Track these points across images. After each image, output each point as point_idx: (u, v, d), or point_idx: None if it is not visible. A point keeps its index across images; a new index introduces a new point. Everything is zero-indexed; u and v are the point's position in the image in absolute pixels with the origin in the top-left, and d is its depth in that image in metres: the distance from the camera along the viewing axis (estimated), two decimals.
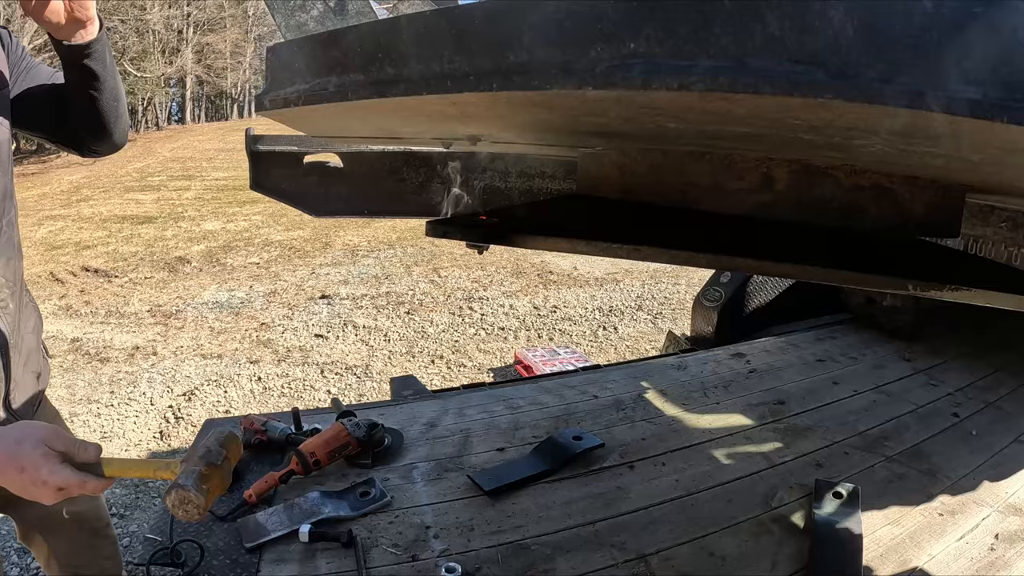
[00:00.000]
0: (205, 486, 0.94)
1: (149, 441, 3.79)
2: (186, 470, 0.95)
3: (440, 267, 7.39)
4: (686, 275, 6.65)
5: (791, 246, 0.81)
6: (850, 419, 2.28)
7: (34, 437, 0.91)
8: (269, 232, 9.52)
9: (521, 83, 0.52)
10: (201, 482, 0.94)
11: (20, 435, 0.91)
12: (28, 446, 0.90)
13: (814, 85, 0.43)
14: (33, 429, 0.93)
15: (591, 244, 0.83)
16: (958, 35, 0.43)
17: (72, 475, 0.92)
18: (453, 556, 1.54)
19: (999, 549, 1.62)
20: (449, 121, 0.84)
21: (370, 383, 4.50)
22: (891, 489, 1.86)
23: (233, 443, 1.02)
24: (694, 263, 0.79)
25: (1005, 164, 0.67)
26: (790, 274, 0.77)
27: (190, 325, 5.67)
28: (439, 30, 0.58)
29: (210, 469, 0.96)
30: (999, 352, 2.88)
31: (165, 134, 26.05)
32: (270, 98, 0.83)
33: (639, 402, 2.40)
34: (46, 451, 0.91)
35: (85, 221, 10.62)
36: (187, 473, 0.94)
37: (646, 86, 0.47)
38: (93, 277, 7.22)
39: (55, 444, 0.92)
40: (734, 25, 0.44)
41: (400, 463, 1.95)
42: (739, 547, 1.60)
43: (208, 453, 0.98)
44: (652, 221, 0.88)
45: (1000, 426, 2.24)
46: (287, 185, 2.25)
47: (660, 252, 0.78)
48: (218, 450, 0.99)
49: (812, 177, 0.80)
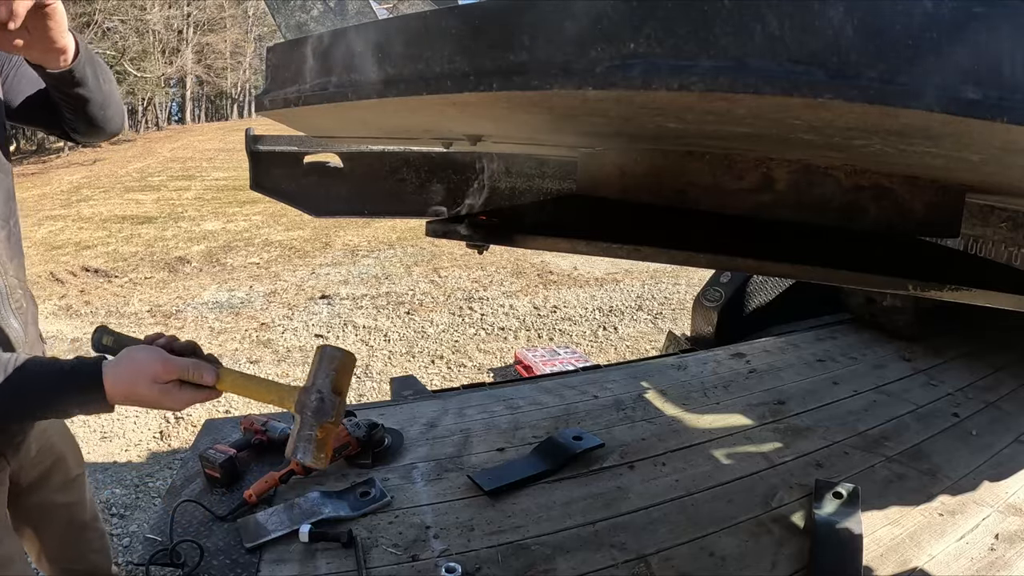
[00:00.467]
0: (322, 454, 0.96)
1: (149, 441, 3.79)
2: (301, 437, 0.96)
3: (440, 267, 7.39)
4: (686, 275, 6.65)
5: (791, 246, 0.81)
6: (850, 419, 2.28)
7: (146, 377, 0.94)
8: (269, 232, 9.53)
9: (521, 83, 0.52)
10: (318, 451, 0.96)
11: (132, 377, 0.94)
12: (143, 389, 0.94)
13: (814, 85, 0.43)
14: (141, 367, 0.95)
15: (591, 244, 0.83)
16: (958, 35, 0.43)
17: (190, 399, 0.97)
18: (453, 556, 1.54)
19: (999, 549, 1.62)
20: (449, 121, 0.84)
21: (370, 383, 4.50)
22: (891, 489, 1.86)
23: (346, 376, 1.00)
24: (694, 263, 0.79)
25: (1005, 164, 0.67)
26: (790, 274, 0.77)
27: (190, 325, 5.67)
28: (439, 30, 0.58)
29: (324, 431, 0.96)
30: (999, 352, 2.88)
31: (165, 134, 26.05)
32: (270, 98, 0.83)
33: (639, 402, 2.40)
34: (161, 387, 0.94)
35: (85, 221, 10.62)
36: (303, 445, 0.96)
37: (646, 86, 0.47)
38: (93, 277, 7.22)
39: (167, 376, 0.94)
40: (734, 25, 0.44)
41: (400, 463, 1.95)
42: (739, 547, 1.60)
43: (321, 408, 0.96)
44: (652, 221, 0.88)
45: (1000, 426, 2.24)
46: (287, 185, 2.25)
47: (660, 252, 0.78)
48: (331, 400, 0.97)
49: (812, 177, 0.80)
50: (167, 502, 1.73)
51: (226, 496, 1.74)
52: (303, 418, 0.96)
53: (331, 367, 0.99)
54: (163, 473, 3.44)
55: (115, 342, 1.07)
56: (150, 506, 3.13)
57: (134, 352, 0.97)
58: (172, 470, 3.40)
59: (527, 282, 6.76)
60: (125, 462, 3.59)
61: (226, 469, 1.77)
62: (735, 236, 0.82)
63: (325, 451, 0.97)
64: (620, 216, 0.92)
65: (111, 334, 1.08)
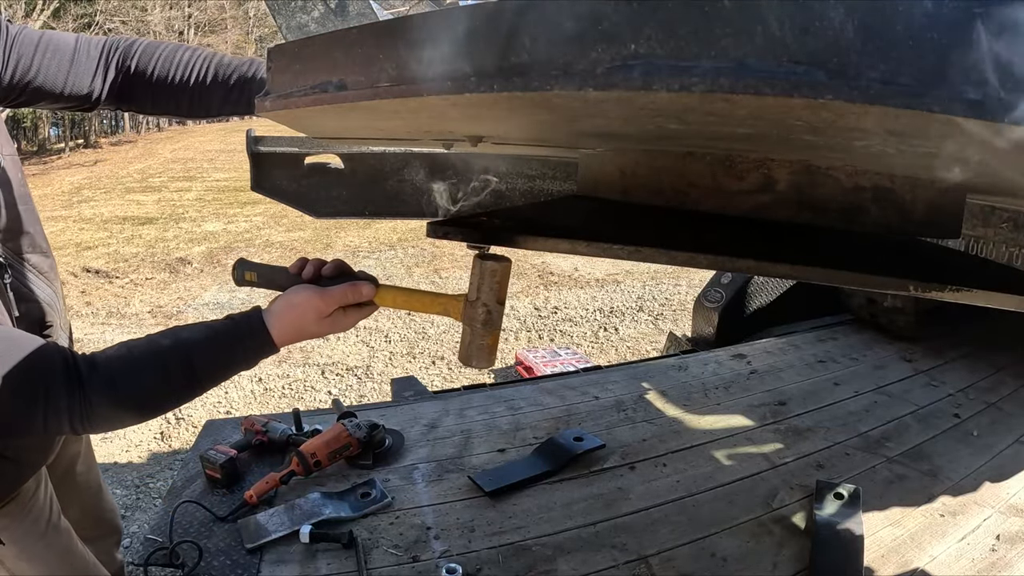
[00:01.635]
0: (492, 356, 1.05)
1: (150, 442, 3.79)
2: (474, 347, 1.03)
3: (441, 268, 7.39)
4: (687, 276, 6.65)
5: (792, 247, 0.81)
6: (851, 420, 2.28)
7: (311, 319, 1.00)
8: (270, 233, 9.53)
9: (521, 84, 0.52)
10: (490, 356, 1.04)
11: (298, 321, 0.99)
12: (312, 327, 1.00)
13: (815, 86, 0.43)
14: (303, 311, 1.00)
15: (592, 245, 0.82)
16: (958, 35, 0.43)
17: (356, 318, 1.04)
18: (454, 557, 1.54)
19: (1000, 550, 1.62)
20: (450, 122, 0.84)
21: (371, 384, 4.50)
22: (892, 490, 1.85)
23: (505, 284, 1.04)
24: (694, 264, 0.79)
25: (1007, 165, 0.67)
26: (791, 275, 0.77)
27: None
28: (439, 31, 0.59)
29: (493, 338, 1.03)
30: (1000, 353, 2.87)
31: (166, 135, 26.08)
32: (271, 99, 0.83)
33: (640, 403, 2.40)
34: (327, 320, 1.01)
35: (86, 222, 10.62)
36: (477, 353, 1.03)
37: (647, 87, 0.47)
38: (94, 278, 7.22)
39: (328, 309, 1.00)
40: (735, 26, 0.44)
41: (401, 464, 1.95)
42: (740, 548, 1.60)
43: (489, 320, 1.01)
44: (652, 222, 0.88)
45: (1001, 427, 2.24)
46: (288, 186, 2.26)
47: (660, 253, 0.78)
48: (497, 310, 1.02)
49: (813, 178, 0.79)
50: (167, 503, 1.73)
51: (227, 497, 1.74)
52: (473, 330, 1.03)
53: (493, 280, 1.02)
54: (164, 474, 3.44)
55: (259, 276, 1.10)
56: (150, 507, 3.14)
57: (291, 297, 1.01)
58: (173, 471, 3.40)
59: (528, 283, 6.76)
60: (126, 463, 3.59)
61: (227, 470, 1.77)
62: (736, 237, 0.82)
63: (494, 353, 1.05)
64: (621, 217, 0.92)
65: (252, 268, 1.11)
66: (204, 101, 1.24)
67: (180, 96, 1.24)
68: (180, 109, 1.27)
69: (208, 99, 1.24)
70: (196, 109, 1.26)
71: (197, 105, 1.25)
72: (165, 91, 1.23)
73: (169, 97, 1.24)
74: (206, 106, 1.25)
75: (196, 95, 1.23)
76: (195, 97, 1.24)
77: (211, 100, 1.24)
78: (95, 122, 24.64)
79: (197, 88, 1.22)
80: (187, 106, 1.25)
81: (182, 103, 1.25)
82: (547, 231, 0.90)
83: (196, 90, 1.23)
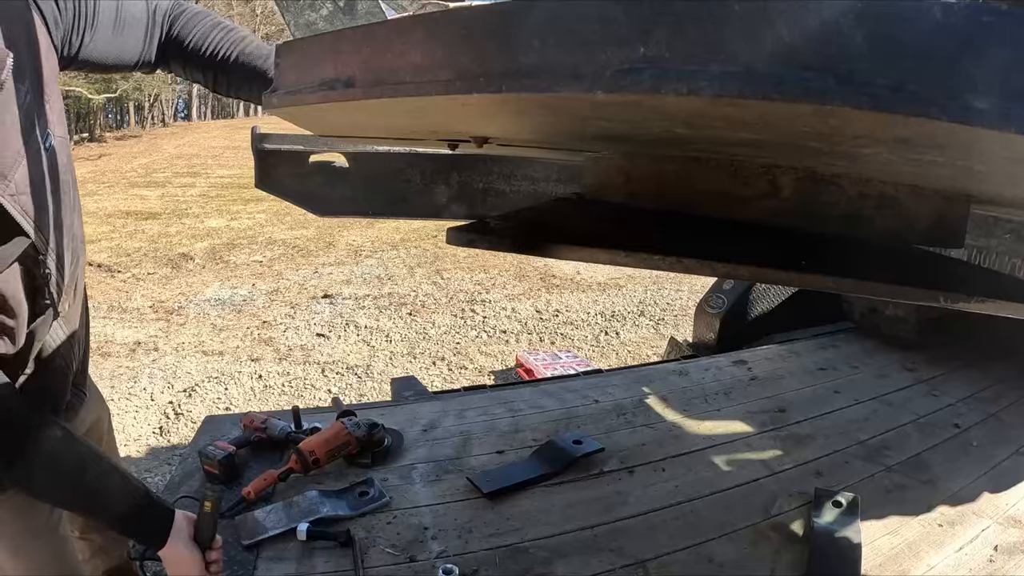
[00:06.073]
0: None
1: (149, 437, 3.79)
2: None
3: (443, 269, 7.39)
4: (688, 281, 6.64)
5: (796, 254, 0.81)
6: (851, 428, 2.27)
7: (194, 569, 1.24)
8: (273, 230, 9.53)
9: (530, 85, 0.52)
10: None
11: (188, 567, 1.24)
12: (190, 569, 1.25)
13: (823, 92, 0.43)
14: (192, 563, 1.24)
15: (631, 256, 0.78)
16: (967, 44, 0.43)
17: None
18: (451, 557, 1.54)
19: (998, 561, 1.62)
20: (457, 122, 0.84)
21: (371, 383, 4.50)
22: (891, 499, 1.85)
23: None
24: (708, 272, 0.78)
25: (1011, 175, 0.67)
26: (794, 283, 0.77)
27: (192, 322, 5.68)
28: (449, 31, 0.59)
29: None
30: (1001, 363, 2.87)
31: (171, 131, 26.12)
32: (277, 96, 0.83)
33: (640, 407, 2.40)
34: None
35: (89, 216, 10.63)
36: None
37: (655, 91, 0.47)
38: (96, 272, 7.22)
39: None
40: (744, 31, 0.44)
41: (399, 464, 1.95)
42: (738, 554, 1.60)
43: None
44: (693, 232, 0.84)
45: (1001, 437, 2.24)
46: (292, 184, 2.26)
47: (702, 265, 0.75)
48: None
49: (818, 185, 0.79)
50: (165, 498, 1.73)
51: (224, 493, 1.74)
52: None
53: None
54: (162, 469, 3.44)
55: None
56: None
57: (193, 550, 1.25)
58: (171, 466, 3.40)
59: (530, 285, 6.76)
60: (124, 457, 3.59)
61: (225, 466, 1.77)
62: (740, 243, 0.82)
63: None
64: (663, 227, 0.87)
65: None
66: (223, 80, 1.33)
67: (206, 70, 1.33)
68: (206, 82, 1.36)
69: (227, 80, 1.33)
70: (218, 86, 1.35)
71: (218, 83, 1.35)
72: (193, 62, 1.32)
73: (196, 68, 1.33)
74: (224, 85, 1.35)
75: (219, 72, 1.32)
76: (218, 75, 1.33)
77: (229, 81, 1.33)
78: (100, 117, 24.68)
79: (220, 66, 1.31)
80: (211, 81, 1.35)
81: (207, 77, 1.34)
82: (583, 240, 0.85)
83: (219, 67, 1.31)
